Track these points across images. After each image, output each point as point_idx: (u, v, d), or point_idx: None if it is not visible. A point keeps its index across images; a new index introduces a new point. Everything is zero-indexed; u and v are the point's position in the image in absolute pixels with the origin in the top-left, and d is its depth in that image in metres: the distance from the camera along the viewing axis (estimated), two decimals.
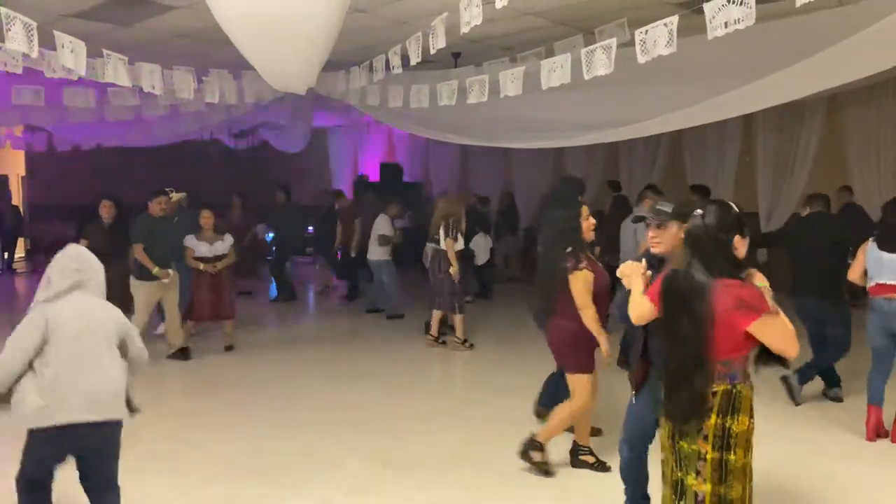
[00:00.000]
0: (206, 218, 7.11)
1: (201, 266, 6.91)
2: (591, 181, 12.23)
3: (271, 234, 11.22)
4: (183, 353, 6.80)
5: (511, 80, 5.16)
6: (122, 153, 15.90)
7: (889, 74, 7.05)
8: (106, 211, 7.09)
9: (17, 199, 15.39)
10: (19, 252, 14.86)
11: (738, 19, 3.36)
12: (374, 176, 15.07)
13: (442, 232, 7.07)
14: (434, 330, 7.29)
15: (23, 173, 15.97)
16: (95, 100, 7.58)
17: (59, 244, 7.54)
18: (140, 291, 6.60)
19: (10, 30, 3.76)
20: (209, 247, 7.03)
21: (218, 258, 7.05)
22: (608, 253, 7.94)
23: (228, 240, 7.21)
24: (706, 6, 3.50)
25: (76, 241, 9.07)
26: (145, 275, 6.60)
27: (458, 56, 8.11)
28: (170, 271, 6.57)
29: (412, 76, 6.80)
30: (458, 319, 7.17)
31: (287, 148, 14.08)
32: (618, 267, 9.30)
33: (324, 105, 10.07)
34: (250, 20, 4.25)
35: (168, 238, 6.81)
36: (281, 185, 11.03)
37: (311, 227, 12.23)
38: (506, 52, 7.48)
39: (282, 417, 5.17)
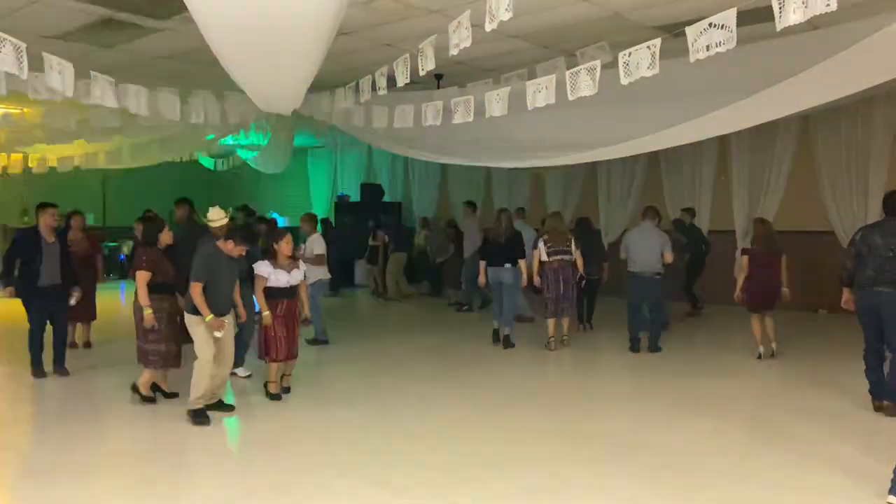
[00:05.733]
0: (287, 243, 5.91)
1: (265, 314, 5.81)
2: (570, 200, 12.44)
3: None
4: (224, 406, 5.70)
5: (496, 101, 5.25)
6: (101, 175, 15.75)
7: (859, 96, 7.29)
8: (168, 237, 5.78)
9: None
10: None
11: (720, 42, 3.48)
12: (354, 196, 15.14)
13: (574, 246, 8.00)
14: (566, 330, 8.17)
15: None
16: (76, 121, 7.57)
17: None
18: (199, 328, 5.38)
19: None
20: (287, 276, 5.89)
21: (293, 289, 5.98)
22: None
23: (303, 267, 6.16)
24: (688, 29, 3.62)
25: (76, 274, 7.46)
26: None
27: (441, 77, 8.23)
28: (225, 321, 5.45)
29: (397, 97, 6.88)
30: (568, 322, 8.19)
31: (267, 169, 14.11)
32: (592, 278, 9.72)
33: (305, 126, 10.12)
34: (241, 43, 4.29)
35: (231, 278, 5.58)
36: (180, 199, 8.31)
37: None
38: (488, 73, 7.60)
39: (271, 439, 5.12)
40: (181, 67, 7.60)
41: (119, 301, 9.69)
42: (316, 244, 8.19)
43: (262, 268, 5.83)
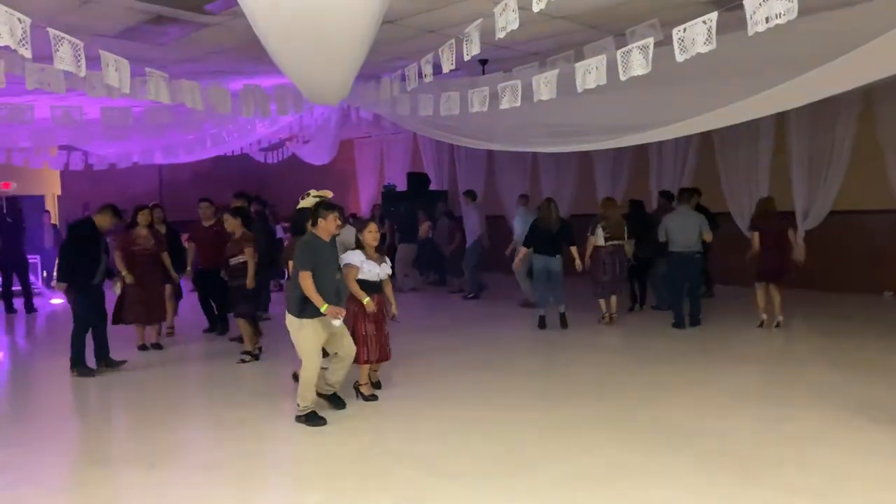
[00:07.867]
0: (373, 232, 5.56)
1: (365, 301, 5.39)
2: (619, 185, 12.18)
3: None
4: (336, 400, 5.48)
5: (544, 84, 5.17)
6: (156, 170, 16.18)
7: None
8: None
9: (53, 218, 15.73)
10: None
11: (780, 13, 3.33)
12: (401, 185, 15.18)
13: (627, 233, 8.48)
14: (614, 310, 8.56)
15: (58, 192, 16.34)
16: (132, 118, 7.77)
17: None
18: (303, 332, 5.06)
19: (57, 50, 3.86)
20: (378, 268, 5.54)
21: (381, 284, 5.64)
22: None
23: (388, 261, 5.76)
24: (746, 1, 3.47)
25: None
26: (309, 309, 5.00)
27: (486, 63, 8.16)
28: (343, 309, 5.14)
29: (442, 84, 6.86)
30: (615, 299, 8.56)
31: (314, 160, 14.28)
32: (647, 257, 9.06)
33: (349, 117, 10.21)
34: (289, 33, 4.32)
35: (335, 264, 5.29)
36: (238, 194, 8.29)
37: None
38: (533, 57, 7.49)
39: (326, 427, 5.18)
40: (230, 62, 7.72)
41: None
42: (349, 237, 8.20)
43: (355, 257, 5.45)
